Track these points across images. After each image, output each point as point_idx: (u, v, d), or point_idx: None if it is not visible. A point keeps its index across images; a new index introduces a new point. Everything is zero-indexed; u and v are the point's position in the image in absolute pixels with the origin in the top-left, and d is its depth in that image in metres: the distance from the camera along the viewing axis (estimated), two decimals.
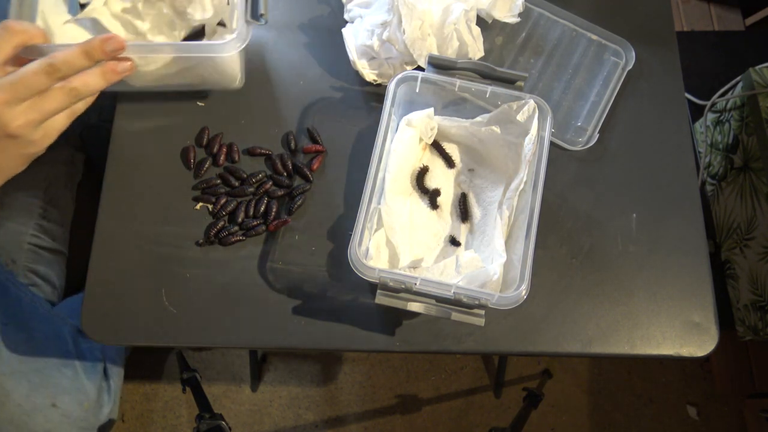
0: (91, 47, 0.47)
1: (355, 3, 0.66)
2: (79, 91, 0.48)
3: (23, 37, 0.47)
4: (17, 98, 0.45)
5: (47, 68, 0.45)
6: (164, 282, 0.58)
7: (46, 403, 0.73)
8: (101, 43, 0.47)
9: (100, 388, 0.80)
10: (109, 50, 0.47)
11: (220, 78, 0.62)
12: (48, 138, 0.49)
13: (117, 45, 0.48)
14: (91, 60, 0.47)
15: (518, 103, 0.55)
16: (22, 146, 0.48)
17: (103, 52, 0.47)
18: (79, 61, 0.46)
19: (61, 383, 0.76)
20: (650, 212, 0.62)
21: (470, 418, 1.25)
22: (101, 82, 0.49)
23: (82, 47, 0.46)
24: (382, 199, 0.55)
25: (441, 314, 0.49)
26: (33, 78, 0.45)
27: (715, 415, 1.26)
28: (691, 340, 0.58)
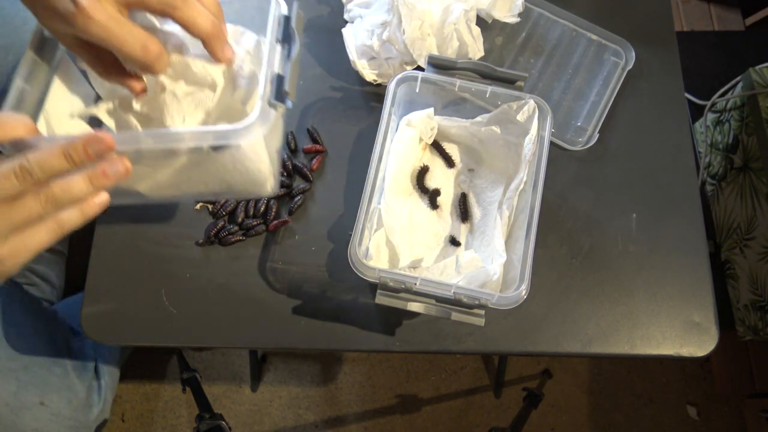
0: (72, 148, 0.38)
1: (355, 3, 0.66)
2: (57, 198, 0.39)
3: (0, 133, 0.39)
4: None
5: (18, 171, 0.37)
6: (164, 282, 0.58)
7: (34, 401, 0.72)
8: (84, 144, 0.38)
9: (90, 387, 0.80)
10: (93, 152, 0.39)
11: (245, 178, 0.51)
12: (17, 257, 0.40)
13: (103, 146, 0.39)
14: (72, 163, 0.38)
15: (518, 103, 0.55)
16: None
17: (86, 155, 0.39)
18: (57, 163, 0.38)
19: (51, 381, 0.75)
20: (650, 212, 0.62)
21: (470, 418, 1.25)
22: (87, 188, 0.40)
23: (62, 148, 0.38)
24: (382, 199, 0.55)
25: (441, 314, 0.49)
26: (1, 182, 0.37)
27: (715, 415, 1.26)
28: (691, 340, 0.58)
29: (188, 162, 0.48)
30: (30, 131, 0.41)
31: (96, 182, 0.40)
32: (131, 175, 0.42)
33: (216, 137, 0.45)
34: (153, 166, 0.48)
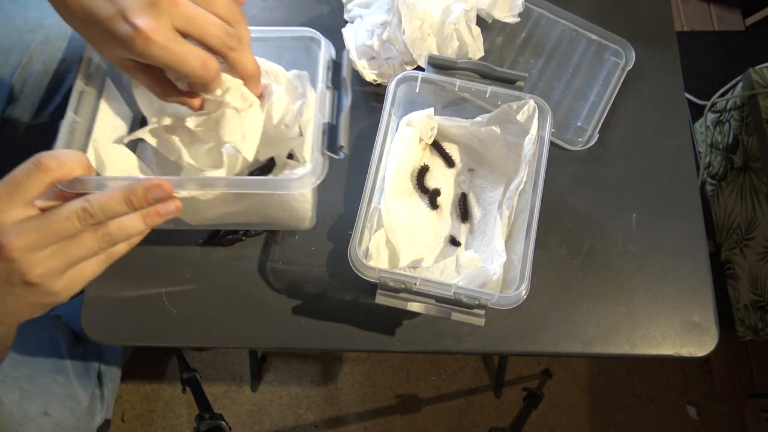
0: (133, 194, 0.41)
1: (355, 3, 0.66)
2: (114, 236, 0.42)
3: (58, 174, 0.41)
4: (41, 244, 0.39)
5: (80, 213, 0.40)
6: (164, 282, 0.58)
7: (38, 411, 0.72)
8: (145, 191, 0.41)
9: (92, 395, 0.80)
10: (153, 199, 0.42)
11: (288, 218, 0.54)
12: (70, 289, 0.43)
13: (162, 193, 0.42)
14: (131, 208, 0.41)
15: (518, 103, 0.55)
16: (40, 296, 0.42)
17: (146, 201, 0.42)
18: (117, 207, 0.41)
19: (54, 390, 0.75)
20: (650, 212, 0.62)
21: (470, 418, 1.25)
22: (141, 227, 0.43)
23: (123, 193, 0.41)
24: (382, 199, 0.55)
25: (441, 314, 0.49)
26: (63, 223, 0.39)
27: (715, 415, 1.26)
28: (691, 340, 0.58)
29: (236, 199, 0.50)
30: (86, 169, 0.43)
31: (149, 221, 0.43)
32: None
33: (272, 187, 0.47)
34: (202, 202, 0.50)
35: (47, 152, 0.41)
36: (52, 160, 0.40)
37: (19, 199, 0.39)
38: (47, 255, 0.40)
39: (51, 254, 0.40)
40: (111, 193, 0.41)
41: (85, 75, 0.51)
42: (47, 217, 0.40)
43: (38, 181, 0.40)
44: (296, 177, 0.46)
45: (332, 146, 0.48)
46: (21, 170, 0.40)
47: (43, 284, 0.41)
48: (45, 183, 0.40)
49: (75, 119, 0.49)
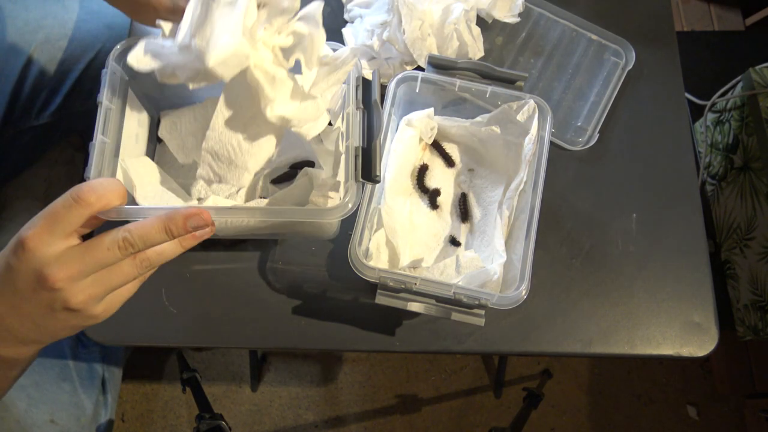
0: (172, 224, 0.42)
1: (355, 3, 0.66)
2: (152, 261, 0.44)
3: (97, 206, 0.42)
4: (83, 273, 0.41)
5: (121, 243, 0.41)
6: (164, 282, 0.58)
7: (44, 418, 0.73)
8: (184, 220, 0.42)
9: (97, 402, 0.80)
10: (192, 227, 0.43)
11: (315, 230, 0.55)
12: (109, 312, 0.45)
13: (201, 222, 0.43)
14: (171, 236, 0.42)
15: (518, 103, 0.55)
16: (80, 320, 0.43)
17: (185, 230, 0.43)
18: (157, 237, 0.42)
19: (60, 398, 0.75)
20: (650, 212, 0.62)
21: (470, 418, 1.25)
22: (178, 250, 0.45)
23: (163, 222, 0.42)
24: (382, 199, 0.55)
25: (441, 314, 0.49)
26: (105, 254, 0.41)
27: (715, 415, 1.26)
28: (691, 340, 0.58)
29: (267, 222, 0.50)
30: (122, 197, 0.44)
31: (186, 243, 0.45)
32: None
33: (309, 216, 0.47)
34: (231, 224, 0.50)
35: (86, 185, 0.42)
36: (91, 193, 0.41)
37: (60, 232, 0.40)
38: (89, 283, 0.41)
39: (92, 282, 0.41)
40: (151, 222, 0.42)
41: (109, 91, 0.51)
42: (89, 248, 0.41)
43: (78, 215, 0.41)
44: (333, 207, 0.47)
45: (367, 174, 0.47)
46: (61, 204, 0.41)
47: (85, 310, 0.42)
48: (85, 216, 0.41)
49: (104, 141, 0.50)
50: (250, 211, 0.49)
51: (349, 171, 0.47)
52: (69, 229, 0.41)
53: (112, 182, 0.44)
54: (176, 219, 0.42)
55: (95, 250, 0.41)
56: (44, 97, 0.75)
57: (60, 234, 0.40)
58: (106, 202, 0.42)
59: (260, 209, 0.48)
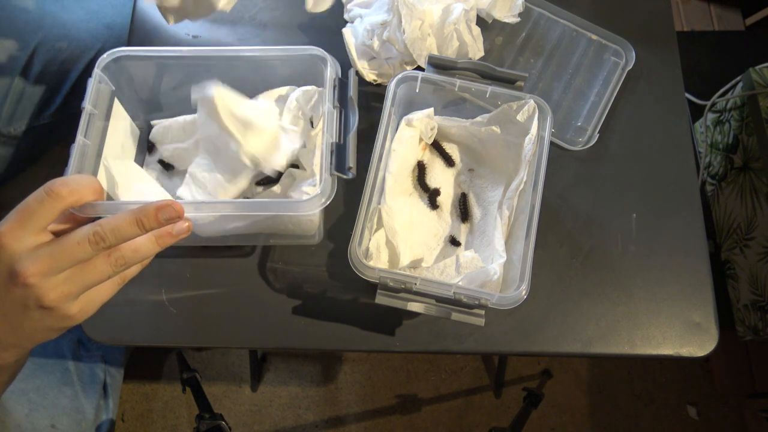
0: (144, 216, 0.41)
1: (355, 3, 0.66)
2: (127, 259, 0.42)
3: (70, 200, 0.41)
4: (55, 269, 0.40)
5: (93, 238, 0.40)
6: (164, 282, 0.58)
7: (45, 423, 0.73)
8: (156, 211, 0.42)
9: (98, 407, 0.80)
10: (164, 219, 0.42)
11: (296, 229, 0.56)
12: (86, 312, 0.44)
13: (173, 213, 0.42)
14: (143, 229, 0.42)
15: (518, 103, 0.55)
16: (55, 320, 0.42)
17: (158, 222, 0.42)
18: (129, 230, 0.41)
19: (61, 403, 0.75)
20: (650, 212, 0.62)
21: (470, 418, 1.25)
22: (154, 248, 0.44)
23: (135, 215, 0.41)
24: (382, 199, 0.55)
25: (441, 314, 0.49)
26: (76, 248, 0.40)
27: (715, 415, 1.26)
28: (691, 340, 0.58)
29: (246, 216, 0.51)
30: (97, 194, 0.44)
31: (162, 242, 0.44)
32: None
33: (282, 209, 0.48)
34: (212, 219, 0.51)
35: (59, 179, 0.41)
36: (63, 187, 0.41)
37: (32, 227, 0.40)
38: (61, 280, 0.40)
39: (65, 279, 0.40)
40: (123, 216, 0.41)
41: (93, 97, 0.51)
42: (60, 243, 0.40)
43: (50, 208, 0.40)
44: (306, 199, 0.47)
45: (340, 167, 0.49)
46: (33, 198, 0.40)
47: (59, 308, 0.41)
48: (57, 210, 0.41)
49: (85, 143, 0.50)
50: (224, 204, 0.49)
51: (324, 165, 0.49)
52: (41, 223, 0.40)
53: (86, 178, 0.44)
54: (148, 211, 0.41)
55: (66, 245, 0.40)
56: (44, 97, 0.75)
57: (32, 229, 0.40)
58: (79, 197, 0.42)
59: (233, 202, 0.49)
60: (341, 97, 0.53)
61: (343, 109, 0.52)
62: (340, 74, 0.54)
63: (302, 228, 0.56)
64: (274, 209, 0.48)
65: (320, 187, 0.48)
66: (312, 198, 0.47)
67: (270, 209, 0.48)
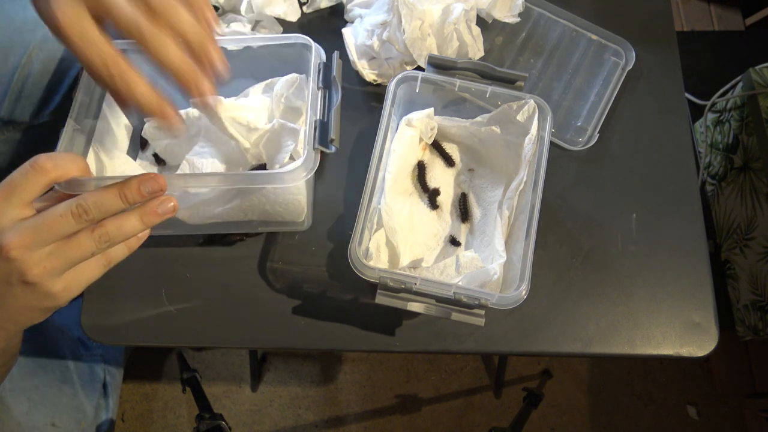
0: (127, 188, 0.41)
1: (355, 3, 0.66)
2: (111, 236, 0.41)
3: (54, 174, 0.41)
4: (38, 242, 0.39)
5: (75, 210, 0.40)
6: (164, 282, 0.58)
7: (45, 422, 0.72)
8: (138, 183, 0.41)
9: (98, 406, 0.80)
10: (147, 192, 0.42)
11: (284, 209, 0.55)
12: (70, 291, 0.43)
13: (156, 186, 0.42)
14: (126, 202, 0.41)
15: (518, 103, 0.55)
16: (38, 298, 0.42)
17: (140, 194, 0.41)
18: (112, 203, 0.41)
19: (61, 401, 0.75)
20: (650, 212, 0.62)
21: (470, 418, 1.25)
22: (139, 226, 0.43)
23: (118, 187, 0.41)
24: (382, 199, 0.55)
25: (441, 314, 0.49)
26: (58, 221, 0.39)
27: (715, 415, 1.26)
28: (691, 340, 0.58)
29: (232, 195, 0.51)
30: (82, 170, 0.43)
31: (146, 220, 0.43)
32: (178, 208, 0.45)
33: (265, 181, 0.48)
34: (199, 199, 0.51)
35: (44, 154, 0.41)
36: (48, 161, 0.41)
37: (16, 200, 0.40)
38: (45, 254, 0.40)
39: (49, 254, 0.40)
40: (105, 189, 0.41)
41: (85, 86, 0.52)
42: (43, 216, 0.40)
43: (35, 181, 0.40)
44: (288, 170, 0.47)
45: (323, 140, 0.50)
46: (18, 172, 0.40)
47: (42, 284, 0.41)
48: (42, 183, 0.41)
49: (75, 127, 0.50)
50: (209, 177, 0.49)
51: (308, 139, 0.50)
52: (26, 197, 0.40)
53: (72, 155, 0.43)
54: (130, 183, 0.41)
55: (49, 217, 0.40)
56: (43, 96, 0.75)
57: (16, 203, 0.40)
58: (64, 172, 0.42)
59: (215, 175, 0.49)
60: (325, 79, 0.54)
61: (327, 89, 0.54)
62: (324, 59, 0.55)
63: (289, 210, 0.55)
64: (258, 181, 0.48)
65: (303, 158, 0.48)
66: (295, 169, 0.47)
67: (255, 181, 0.48)
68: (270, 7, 0.65)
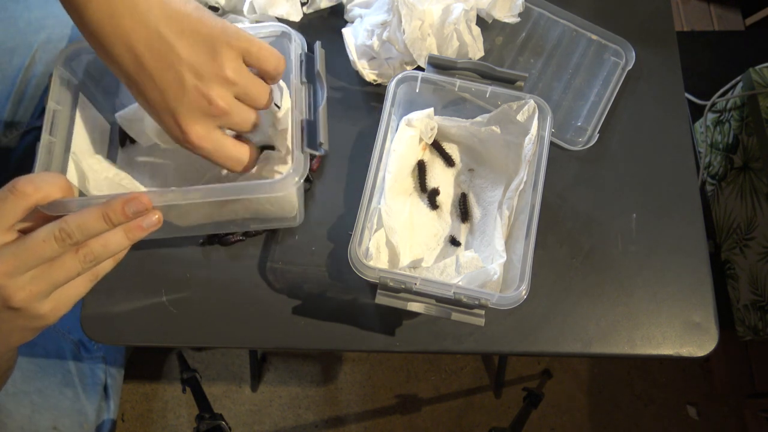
0: (111, 209, 0.40)
1: (355, 3, 0.66)
2: (96, 254, 0.41)
3: (35, 198, 0.40)
4: (21, 268, 0.39)
5: (58, 234, 0.39)
6: (164, 282, 0.58)
7: (47, 425, 0.72)
8: (122, 205, 0.41)
9: (99, 408, 0.80)
10: (131, 212, 0.41)
11: (275, 211, 0.54)
12: (58, 311, 0.42)
13: (140, 206, 0.42)
14: (110, 224, 0.41)
15: (518, 103, 0.55)
16: (26, 321, 0.41)
17: (124, 215, 0.41)
18: (96, 225, 0.40)
19: (62, 405, 0.75)
20: (650, 212, 0.62)
21: (470, 418, 1.25)
22: (124, 242, 0.42)
23: (101, 209, 0.40)
24: (382, 199, 0.55)
25: (441, 314, 0.49)
26: (41, 245, 0.39)
27: (715, 415, 1.26)
28: (691, 340, 0.58)
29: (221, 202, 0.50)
30: (65, 191, 0.43)
31: (131, 235, 0.43)
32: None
33: (256, 191, 0.47)
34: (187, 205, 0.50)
35: (24, 177, 0.40)
36: (28, 184, 0.40)
37: None
38: (28, 279, 0.39)
39: (32, 278, 0.39)
40: (88, 211, 0.40)
41: (56, 93, 0.51)
42: (25, 241, 0.39)
43: (14, 207, 0.40)
44: (279, 179, 0.47)
45: (312, 143, 0.49)
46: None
47: (28, 308, 0.40)
48: (22, 208, 0.40)
49: (51, 140, 0.49)
50: (192, 192, 0.47)
51: (296, 142, 0.48)
52: (5, 223, 0.39)
53: (52, 175, 0.43)
54: (114, 205, 0.41)
55: (31, 243, 0.39)
56: (46, 97, 0.75)
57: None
58: (45, 194, 0.41)
59: (201, 189, 0.47)
60: (308, 73, 0.51)
61: (311, 84, 0.51)
62: (306, 48, 0.53)
63: (282, 208, 0.54)
64: (248, 192, 0.47)
65: (292, 165, 0.47)
66: (285, 177, 0.46)
67: (244, 192, 0.47)
68: (273, 8, 0.64)
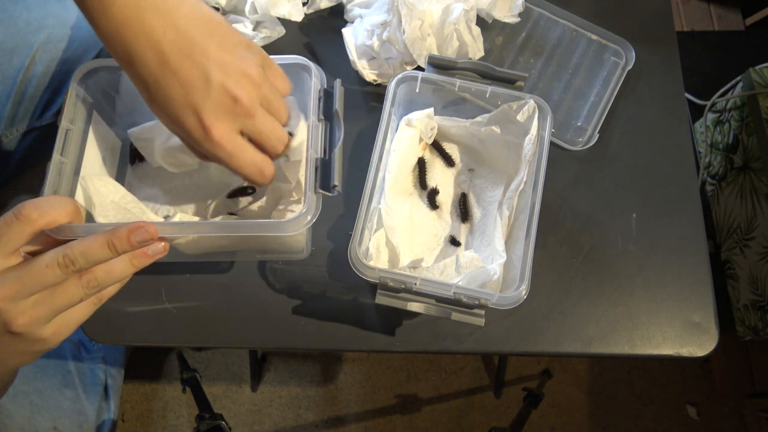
0: (116, 238, 0.40)
1: (355, 3, 0.66)
2: (100, 281, 0.41)
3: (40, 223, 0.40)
4: (23, 293, 0.38)
5: (62, 260, 0.39)
6: (164, 282, 0.58)
7: (47, 426, 0.72)
8: (128, 233, 0.40)
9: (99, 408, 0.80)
10: (137, 241, 0.41)
11: (282, 247, 0.54)
12: (61, 335, 0.42)
13: (146, 236, 0.41)
14: (115, 252, 0.40)
15: (518, 103, 0.55)
16: (27, 345, 0.41)
17: (129, 244, 0.41)
18: (100, 253, 0.40)
19: (62, 405, 0.75)
20: (650, 212, 0.62)
21: (470, 418, 1.25)
22: (129, 269, 0.42)
23: (106, 238, 0.40)
24: (382, 199, 0.55)
25: (441, 314, 0.49)
26: (44, 271, 0.38)
27: (715, 415, 1.26)
28: (691, 340, 0.58)
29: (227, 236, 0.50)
30: (71, 214, 0.42)
31: (136, 262, 0.43)
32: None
33: (266, 230, 0.46)
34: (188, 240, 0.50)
35: (30, 201, 0.40)
36: (34, 210, 0.40)
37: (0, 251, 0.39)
38: (30, 304, 0.39)
39: (35, 303, 0.39)
40: (93, 238, 0.40)
41: (70, 112, 0.50)
42: (28, 266, 0.39)
43: (19, 232, 0.39)
44: (290, 219, 0.46)
45: (325, 184, 0.47)
46: (2, 221, 0.39)
47: (29, 333, 0.40)
48: (26, 233, 0.40)
49: (62, 161, 0.48)
50: (203, 225, 0.47)
51: (309, 182, 0.47)
52: (9, 247, 0.39)
53: (59, 199, 0.42)
54: (119, 233, 0.40)
55: (35, 268, 0.39)
56: (46, 97, 0.75)
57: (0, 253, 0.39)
58: (51, 219, 0.41)
59: (213, 223, 0.47)
60: (326, 110, 0.51)
61: (328, 122, 0.50)
62: (325, 84, 0.52)
63: (288, 246, 0.54)
64: (257, 230, 0.46)
65: (305, 206, 0.46)
66: (296, 217, 0.45)
67: (253, 230, 0.46)
68: (275, 8, 0.64)
